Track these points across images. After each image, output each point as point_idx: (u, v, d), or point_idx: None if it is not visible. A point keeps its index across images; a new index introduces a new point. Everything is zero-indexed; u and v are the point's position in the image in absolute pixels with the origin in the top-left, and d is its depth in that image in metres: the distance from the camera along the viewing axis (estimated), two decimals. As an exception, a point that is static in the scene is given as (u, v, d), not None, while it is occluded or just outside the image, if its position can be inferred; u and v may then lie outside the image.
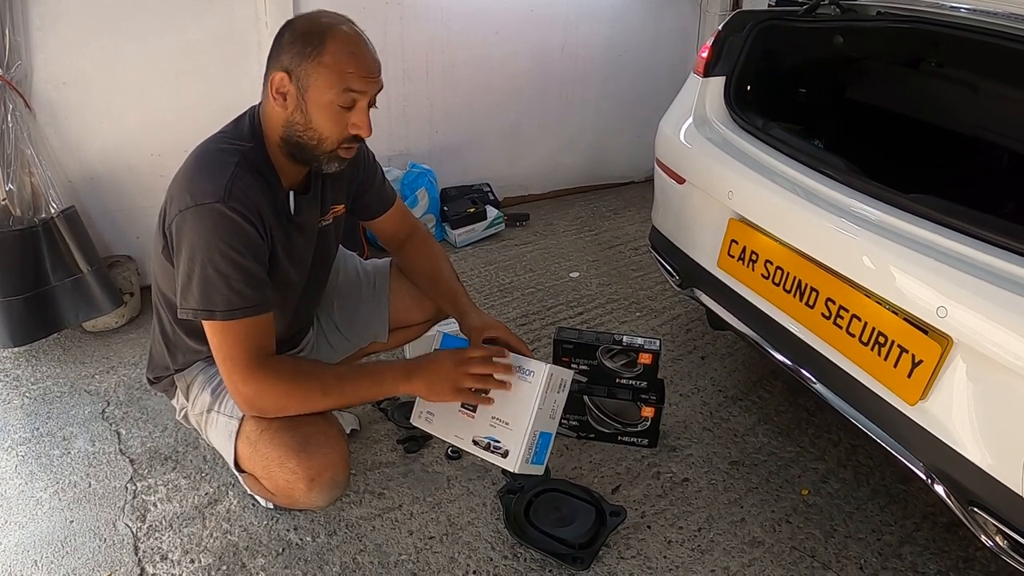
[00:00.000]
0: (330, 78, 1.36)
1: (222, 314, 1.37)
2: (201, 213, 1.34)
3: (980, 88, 2.03)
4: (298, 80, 1.37)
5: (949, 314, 1.30)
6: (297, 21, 1.41)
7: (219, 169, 1.37)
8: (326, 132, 1.41)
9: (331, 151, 1.44)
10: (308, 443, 1.47)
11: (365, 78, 1.39)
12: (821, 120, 2.28)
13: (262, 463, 1.50)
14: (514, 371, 1.49)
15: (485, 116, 3.44)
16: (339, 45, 1.37)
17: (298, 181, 1.54)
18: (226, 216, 1.34)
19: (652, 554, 1.68)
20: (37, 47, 2.29)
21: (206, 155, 1.43)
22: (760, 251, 1.74)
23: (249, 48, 2.65)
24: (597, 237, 3.40)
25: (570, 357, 1.97)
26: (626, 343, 1.94)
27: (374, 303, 1.93)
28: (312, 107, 1.38)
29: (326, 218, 1.67)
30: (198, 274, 1.35)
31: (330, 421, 1.55)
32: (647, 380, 1.97)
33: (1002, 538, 1.30)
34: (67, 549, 1.65)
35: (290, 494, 1.51)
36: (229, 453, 1.56)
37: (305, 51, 1.35)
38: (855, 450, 2.02)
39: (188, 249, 1.36)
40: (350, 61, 1.37)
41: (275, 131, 1.44)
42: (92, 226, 2.50)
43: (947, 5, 1.90)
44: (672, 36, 3.83)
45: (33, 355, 2.37)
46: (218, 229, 1.34)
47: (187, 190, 1.36)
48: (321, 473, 1.47)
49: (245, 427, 1.52)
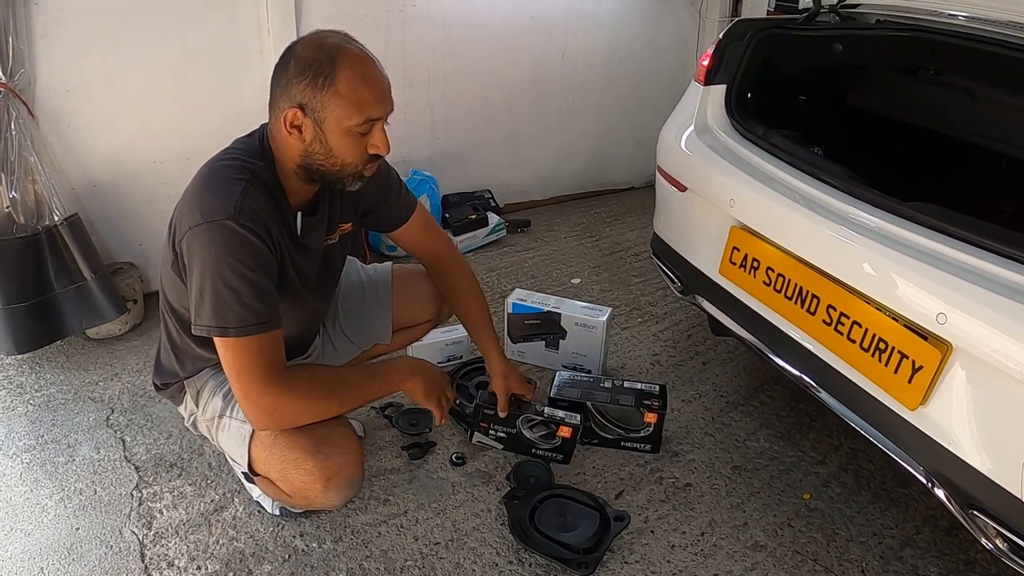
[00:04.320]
0: (348, 108, 1.36)
1: (235, 331, 1.37)
2: (212, 230, 1.34)
3: (978, 95, 2.04)
4: (313, 113, 1.37)
5: (949, 320, 1.32)
6: (300, 48, 1.38)
7: (229, 186, 1.37)
8: (348, 158, 1.42)
9: (354, 172, 1.46)
10: (324, 444, 1.50)
11: (381, 103, 1.40)
12: (821, 127, 2.30)
13: (278, 466, 1.52)
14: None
15: (486, 123, 3.45)
16: (351, 70, 1.35)
17: (306, 202, 1.55)
18: (237, 232, 1.34)
19: (655, 559, 1.70)
20: (40, 55, 2.30)
21: (215, 172, 1.42)
22: (761, 258, 1.75)
23: (251, 55, 2.66)
24: (598, 243, 3.41)
25: (488, 423, 1.93)
26: (547, 415, 1.91)
27: (378, 308, 1.95)
28: (331, 136, 1.39)
29: (332, 237, 1.68)
30: (210, 291, 1.36)
31: (343, 422, 1.58)
32: (563, 453, 1.94)
33: (1002, 541, 1.31)
34: (73, 556, 1.66)
35: (306, 495, 1.53)
36: (243, 457, 1.57)
37: (317, 82, 1.34)
38: (856, 454, 2.04)
39: (200, 266, 1.36)
40: (365, 87, 1.36)
41: (290, 159, 1.44)
42: (95, 233, 2.50)
43: (945, 13, 1.92)
44: (672, 42, 3.85)
45: (37, 362, 2.37)
46: (229, 246, 1.34)
47: (197, 207, 1.36)
48: (338, 473, 1.50)
49: (259, 431, 1.54)
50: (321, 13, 2.77)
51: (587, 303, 2.39)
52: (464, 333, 2.37)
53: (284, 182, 1.48)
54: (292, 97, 1.37)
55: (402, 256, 2.92)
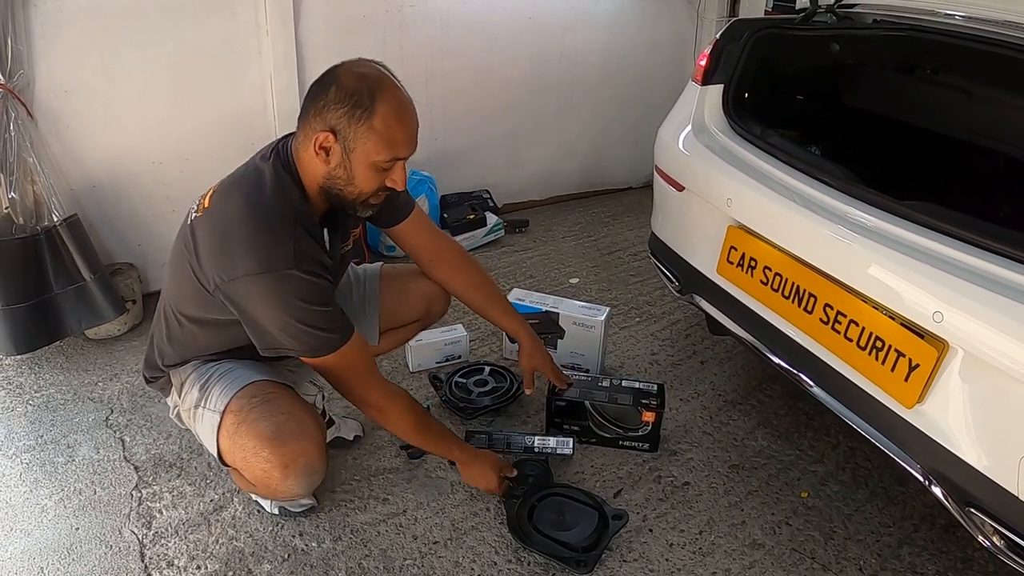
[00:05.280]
0: (379, 144, 1.41)
1: (325, 349, 1.48)
2: (275, 279, 1.40)
3: (975, 94, 2.05)
4: (344, 140, 1.41)
5: (945, 319, 1.32)
6: (343, 75, 1.41)
7: (282, 232, 1.42)
8: (366, 188, 1.47)
9: (365, 201, 1.51)
10: (280, 431, 1.53)
11: (409, 144, 1.46)
12: (818, 127, 2.31)
13: (240, 454, 1.55)
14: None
15: (484, 123, 3.46)
16: (389, 108, 1.40)
17: (324, 215, 1.59)
18: (303, 280, 1.42)
19: (654, 557, 1.70)
20: (39, 56, 2.30)
21: (262, 214, 1.43)
22: (759, 257, 1.76)
23: (250, 56, 2.66)
24: (596, 243, 3.42)
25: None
26: (538, 448, 1.93)
27: (364, 307, 1.97)
28: (357, 166, 1.43)
29: (347, 243, 1.75)
30: (286, 331, 1.44)
31: (304, 410, 1.60)
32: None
33: (999, 538, 1.32)
34: (73, 556, 1.66)
35: (267, 483, 1.55)
36: (213, 447, 1.60)
37: (355, 113, 1.38)
38: (854, 453, 2.04)
39: (266, 311, 1.43)
40: (399, 127, 1.42)
41: (314, 179, 1.49)
42: (94, 234, 2.51)
43: (942, 12, 1.93)
44: (669, 41, 3.86)
45: (36, 363, 2.37)
46: (297, 292, 1.42)
47: (252, 255, 1.40)
48: (295, 459, 1.52)
49: (225, 421, 1.56)
50: (320, 14, 2.78)
51: (585, 302, 2.40)
52: (463, 333, 2.38)
53: (314, 206, 1.53)
54: (327, 121, 1.40)
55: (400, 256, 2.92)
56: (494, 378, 2.25)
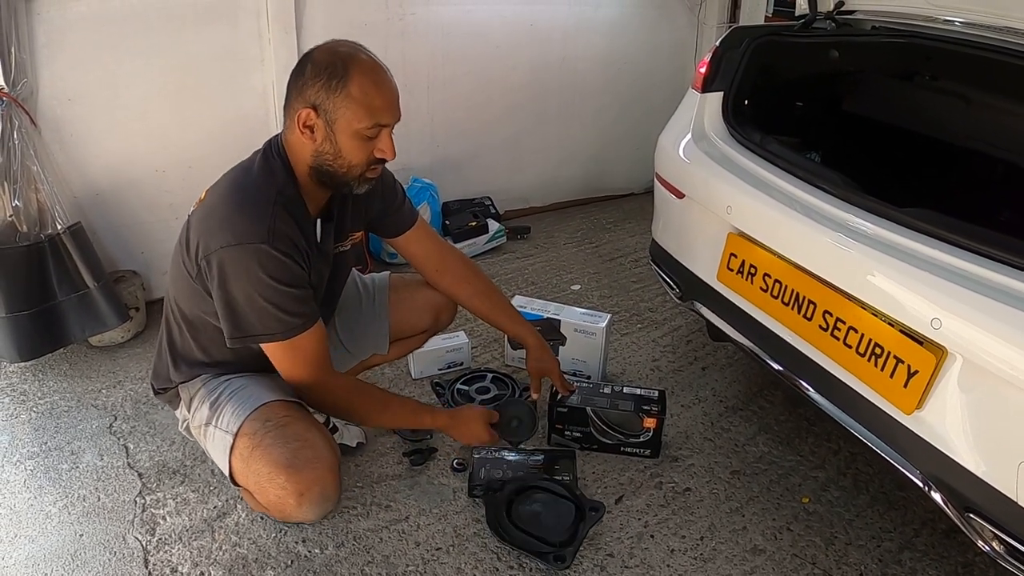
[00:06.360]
0: (359, 111, 1.42)
1: (282, 335, 1.49)
2: (247, 252, 1.41)
3: (974, 100, 2.06)
4: (326, 114, 1.43)
5: (944, 325, 1.33)
6: (316, 53, 1.45)
7: (260, 208, 1.44)
8: (355, 160, 1.48)
9: (360, 175, 1.51)
10: (296, 458, 1.51)
11: (390, 109, 1.47)
12: (817, 134, 2.32)
13: (254, 479, 1.54)
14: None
15: (486, 130, 3.47)
16: (363, 76, 1.42)
17: (322, 207, 1.61)
18: (272, 256, 1.42)
19: (655, 563, 1.71)
20: (43, 64, 2.31)
21: (244, 192, 1.47)
22: (759, 264, 1.77)
23: (252, 63, 2.68)
24: (598, 249, 3.43)
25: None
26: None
27: (374, 317, 1.97)
28: (341, 137, 1.45)
29: (343, 244, 1.73)
30: (250, 307, 1.45)
31: (320, 436, 1.59)
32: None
33: (999, 543, 1.32)
34: (77, 563, 1.67)
35: (282, 509, 1.55)
36: (225, 467, 1.60)
37: (331, 84, 1.41)
38: (854, 458, 2.05)
39: (235, 284, 1.43)
40: (376, 92, 1.43)
41: (303, 161, 1.50)
42: (98, 241, 2.52)
43: (940, 19, 1.94)
44: (670, 48, 3.88)
45: (40, 370, 2.38)
46: (266, 268, 1.42)
47: (228, 228, 1.42)
48: (310, 487, 1.52)
49: (238, 443, 1.56)
50: (321, 22, 2.79)
51: (587, 309, 2.40)
52: (465, 340, 2.39)
53: (304, 191, 1.54)
54: (307, 98, 1.43)
55: (403, 264, 2.93)
56: (496, 385, 2.26)
